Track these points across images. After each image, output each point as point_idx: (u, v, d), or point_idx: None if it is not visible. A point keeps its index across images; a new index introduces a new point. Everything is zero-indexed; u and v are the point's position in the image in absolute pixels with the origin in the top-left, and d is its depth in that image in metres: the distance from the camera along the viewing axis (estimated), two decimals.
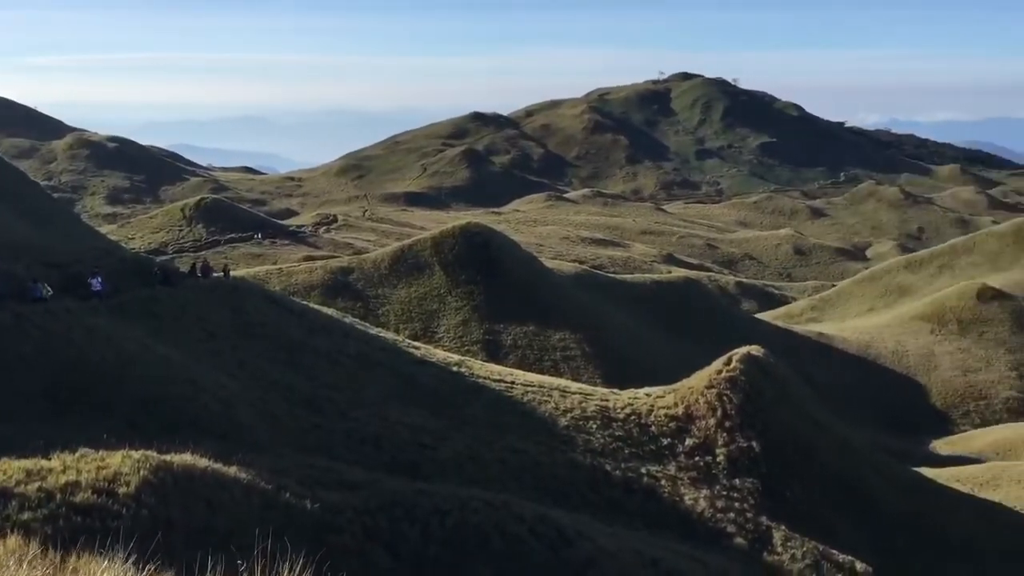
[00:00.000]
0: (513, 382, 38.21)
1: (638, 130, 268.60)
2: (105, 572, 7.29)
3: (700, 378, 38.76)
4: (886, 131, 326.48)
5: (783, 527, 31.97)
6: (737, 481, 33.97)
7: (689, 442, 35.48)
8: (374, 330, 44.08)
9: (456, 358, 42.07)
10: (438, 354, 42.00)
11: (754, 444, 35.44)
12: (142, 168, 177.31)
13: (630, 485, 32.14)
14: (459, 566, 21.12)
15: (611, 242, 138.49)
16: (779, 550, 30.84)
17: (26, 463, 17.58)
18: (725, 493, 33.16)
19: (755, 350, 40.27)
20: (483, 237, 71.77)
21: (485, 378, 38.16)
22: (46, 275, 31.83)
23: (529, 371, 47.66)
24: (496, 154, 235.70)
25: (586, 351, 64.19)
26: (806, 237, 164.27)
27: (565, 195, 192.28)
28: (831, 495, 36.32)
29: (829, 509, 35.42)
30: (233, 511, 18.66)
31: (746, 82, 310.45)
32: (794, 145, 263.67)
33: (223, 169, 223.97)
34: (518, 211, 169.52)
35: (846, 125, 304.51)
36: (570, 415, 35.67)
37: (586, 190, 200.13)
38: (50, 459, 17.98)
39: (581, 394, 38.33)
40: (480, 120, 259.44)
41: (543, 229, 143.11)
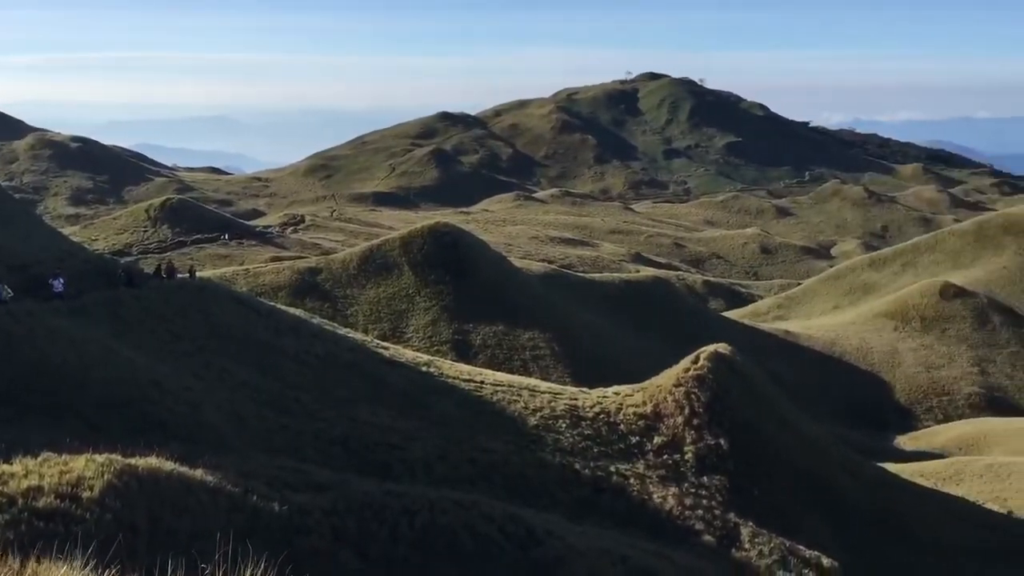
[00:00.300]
0: (482, 382, 38.20)
1: (606, 130, 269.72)
2: None
3: (668, 376, 38.97)
4: (850, 131, 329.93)
5: (751, 524, 32.20)
6: (705, 479, 34.19)
7: (657, 440, 35.66)
8: (342, 330, 43.84)
9: (425, 358, 41.98)
10: (407, 354, 41.88)
11: (722, 441, 35.69)
12: (105, 168, 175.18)
13: (599, 484, 32.24)
14: (428, 567, 21.06)
15: (580, 241, 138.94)
16: (747, 546, 31.07)
17: None
18: (693, 491, 33.36)
19: (722, 348, 40.57)
20: (452, 237, 71.65)
21: (454, 378, 38.12)
22: (7, 277, 31.34)
23: (498, 371, 47.66)
24: (465, 154, 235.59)
25: (555, 350, 64.32)
26: (772, 236, 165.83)
27: (534, 195, 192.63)
28: (798, 491, 36.67)
29: (796, 505, 35.75)
30: (199, 514, 18.44)
31: (712, 82, 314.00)
32: (760, 145, 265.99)
33: (188, 169, 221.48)
34: (487, 211, 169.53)
35: (811, 125, 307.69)
36: (539, 414, 35.72)
37: (554, 190, 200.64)
38: (11, 463, 17.60)
39: (550, 393, 38.40)
40: (448, 120, 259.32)
41: (512, 229, 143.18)
